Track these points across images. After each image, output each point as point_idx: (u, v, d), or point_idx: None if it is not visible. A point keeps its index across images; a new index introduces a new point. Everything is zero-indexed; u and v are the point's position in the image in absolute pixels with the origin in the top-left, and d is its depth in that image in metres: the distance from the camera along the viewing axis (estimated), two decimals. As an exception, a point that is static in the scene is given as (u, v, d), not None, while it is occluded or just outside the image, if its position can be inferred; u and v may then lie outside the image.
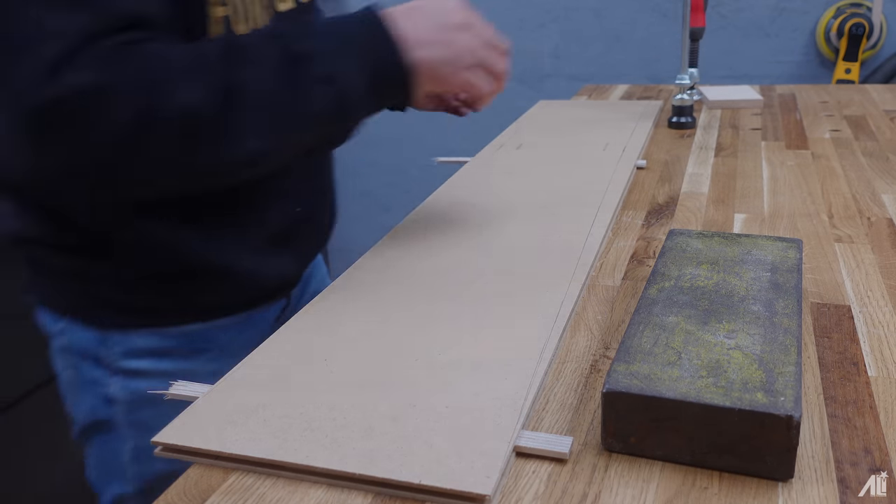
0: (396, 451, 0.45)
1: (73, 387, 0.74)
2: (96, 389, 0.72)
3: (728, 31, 2.08)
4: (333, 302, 0.65)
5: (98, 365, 0.71)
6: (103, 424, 0.73)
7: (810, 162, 1.01)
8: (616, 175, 0.95)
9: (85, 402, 0.73)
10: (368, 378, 0.53)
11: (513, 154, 1.06)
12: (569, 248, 0.74)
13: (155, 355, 0.71)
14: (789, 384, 0.44)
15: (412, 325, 0.60)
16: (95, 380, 0.72)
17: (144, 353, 0.71)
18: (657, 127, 1.22)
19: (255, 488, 0.45)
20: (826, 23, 1.98)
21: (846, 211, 0.83)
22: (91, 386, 0.72)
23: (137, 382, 0.71)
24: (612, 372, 0.46)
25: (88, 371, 0.72)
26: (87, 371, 0.72)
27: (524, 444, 0.46)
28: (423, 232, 0.80)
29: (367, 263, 0.73)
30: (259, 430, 0.48)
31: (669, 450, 0.45)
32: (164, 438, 0.48)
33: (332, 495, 0.44)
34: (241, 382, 0.54)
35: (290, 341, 0.59)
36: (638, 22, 2.12)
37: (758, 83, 2.02)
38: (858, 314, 0.61)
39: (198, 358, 0.73)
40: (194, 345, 0.72)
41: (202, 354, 0.73)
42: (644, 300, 0.55)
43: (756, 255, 0.62)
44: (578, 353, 0.58)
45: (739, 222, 0.81)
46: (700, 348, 0.49)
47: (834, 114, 1.26)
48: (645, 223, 0.83)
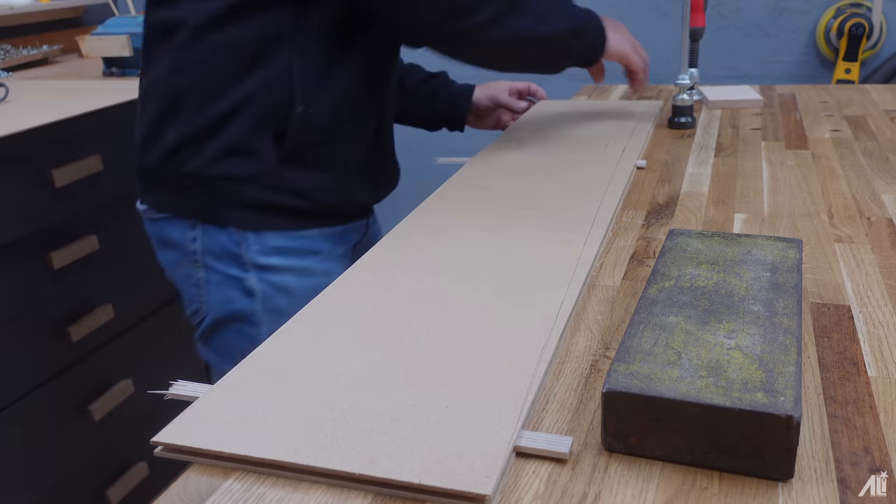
0: (396, 451, 0.45)
1: (206, 286, 0.93)
2: (236, 284, 0.91)
3: (728, 31, 2.08)
4: (333, 302, 0.65)
5: (237, 263, 0.91)
6: (242, 315, 0.93)
7: (810, 162, 1.01)
8: (616, 175, 0.95)
9: (222, 297, 0.93)
10: (368, 378, 0.53)
11: (513, 154, 1.06)
12: (569, 248, 0.74)
13: (281, 253, 0.92)
14: (789, 384, 0.44)
15: (412, 325, 0.60)
16: (235, 276, 0.91)
17: (274, 252, 0.91)
18: (657, 127, 1.22)
19: (255, 488, 0.45)
20: (826, 23, 1.98)
21: (846, 211, 0.83)
22: (231, 282, 0.92)
23: (271, 276, 0.91)
24: (612, 372, 0.46)
25: (227, 269, 0.91)
26: (226, 269, 0.91)
27: (524, 444, 0.46)
28: (422, 232, 0.80)
29: (366, 263, 0.73)
30: (259, 430, 0.48)
31: (669, 450, 0.45)
32: (164, 438, 0.48)
33: (332, 495, 0.44)
34: (241, 382, 0.54)
35: (290, 341, 0.59)
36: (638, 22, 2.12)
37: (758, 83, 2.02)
38: (858, 314, 0.61)
39: (313, 258, 0.95)
40: (311, 246, 0.94)
41: (316, 255, 0.95)
42: (644, 300, 0.55)
43: (756, 255, 0.62)
44: (578, 353, 0.58)
45: (739, 222, 0.81)
46: (700, 348, 0.49)
47: (834, 114, 1.26)
48: (645, 223, 0.83)
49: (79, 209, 1.42)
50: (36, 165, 1.32)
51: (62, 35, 2.28)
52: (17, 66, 1.98)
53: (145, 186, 0.96)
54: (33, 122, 1.30)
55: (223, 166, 0.89)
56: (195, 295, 0.95)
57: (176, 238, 0.94)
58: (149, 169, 0.94)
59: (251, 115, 0.88)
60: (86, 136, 1.42)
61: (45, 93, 1.61)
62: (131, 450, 1.58)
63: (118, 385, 1.52)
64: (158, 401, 0.60)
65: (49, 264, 1.37)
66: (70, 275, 1.42)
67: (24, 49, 2.06)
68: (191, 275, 0.94)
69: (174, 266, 0.96)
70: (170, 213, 0.93)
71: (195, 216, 0.92)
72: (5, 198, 1.27)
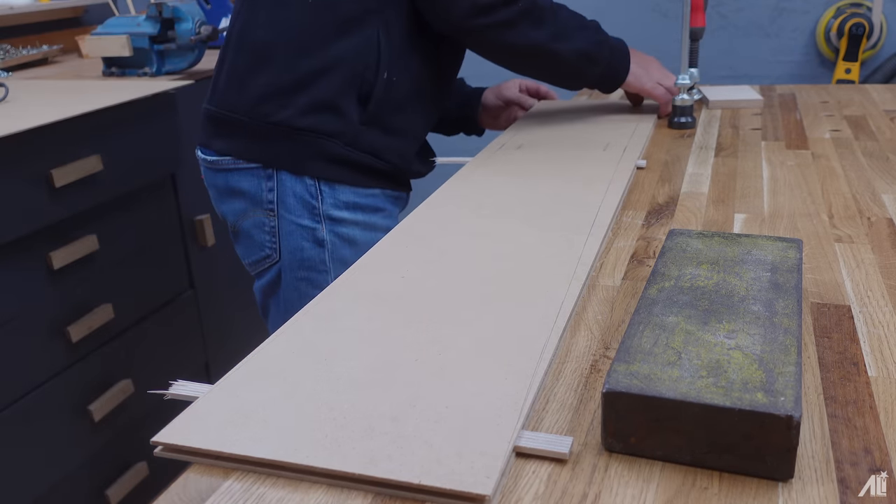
0: (396, 451, 0.45)
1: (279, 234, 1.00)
2: (308, 233, 1.00)
3: (728, 31, 2.08)
4: (334, 302, 0.65)
5: (310, 213, 0.99)
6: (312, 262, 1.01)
7: (810, 162, 1.01)
8: (616, 175, 0.95)
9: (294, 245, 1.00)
10: (368, 378, 0.53)
11: (513, 154, 1.06)
12: (569, 248, 0.74)
13: (351, 208, 1.01)
14: (789, 384, 0.44)
15: (412, 325, 0.60)
16: (307, 226, 1.00)
17: (344, 206, 1.00)
18: (657, 127, 1.22)
19: (255, 488, 0.45)
20: (826, 23, 1.98)
21: (846, 211, 0.83)
22: (303, 231, 1.00)
23: (340, 227, 1.01)
24: (612, 372, 0.46)
25: (300, 219, 1.00)
26: (298, 219, 1.00)
27: (524, 444, 0.46)
28: (423, 232, 0.80)
29: (367, 263, 0.73)
30: (259, 430, 0.48)
31: (669, 450, 0.45)
32: (164, 438, 0.48)
33: (332, 495, 0.44)
34: (241, 382, 0.54)
35: (290, 341, 0.59)
36: (638, 22, 2.12)
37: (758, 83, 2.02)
38: (858, 314, 0.61)
39: (378, 214, 1.04)
40: (376, 203, 1.04)
41: (380, 212, 1.05)
42: (644, 300, 0.55)
43: (756, 255, 0.62)
44: (578, 353, 0.58)
45: (739, 222, 0.81)
46: (700, 348, 0.49)
47: (834, 114, 1.26)
48: (645, 223, 0.83)
49: (79, 209, 1.42)
50: (36, 165, 1.32)
51: (62, 35, 2.28)
52: (17, 66, 1.98)
53: (218, 133, 1.02)
54: (33, 122, 1.30)
55: (310, 119, 0.97)
56: (266, 242, 1.02)
57: (247, 188, 1.01)
58: (226, 116, 1.01)
59: (340, 76, 0.97)
60: (86, 136, 1.42)
61: (45, 93, 1.61)
62: (131, 450, 1.58)
63: (118, 385, 1.52)
64: (158, 401, 0.60)
65: (49, 264, 1.37)
66: (70, 275, 1.42)
67: (24, 49, 2.06)
68: (263, 223, 1.01)
69: (241, 215, 1.03)
70: (246, 160, 1.00)
71: (275, 164, 0.99)
72: (5, 198, 1.27)
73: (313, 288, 1.02)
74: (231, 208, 1.04)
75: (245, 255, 1.07)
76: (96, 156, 1.43)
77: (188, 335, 1.77)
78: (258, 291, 1.09)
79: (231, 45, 1.03)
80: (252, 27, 1.00)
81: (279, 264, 1.03)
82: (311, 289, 1.02)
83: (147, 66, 1.79)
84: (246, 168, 1.01)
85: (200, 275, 1.78)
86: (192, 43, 1.74)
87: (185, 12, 1.73)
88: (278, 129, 0.98)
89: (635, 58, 1.17)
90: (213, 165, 1.04)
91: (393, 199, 1.09)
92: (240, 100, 1.00)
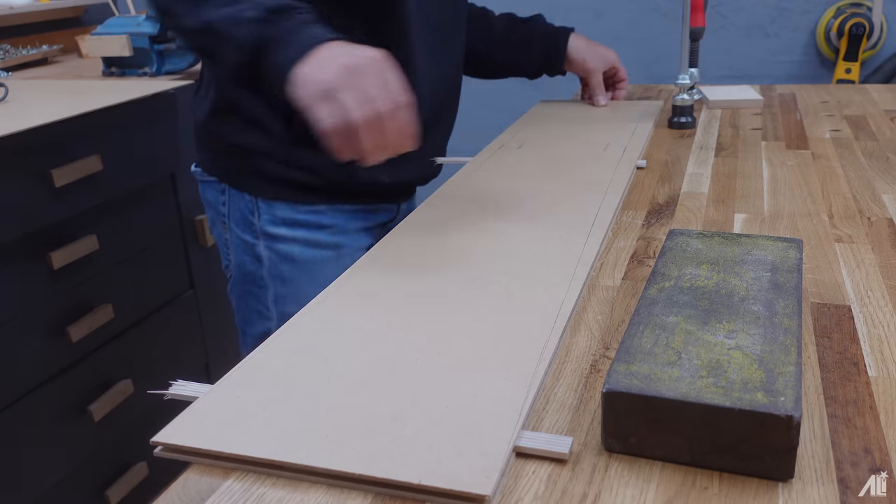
0: (396, 451, 0.45)
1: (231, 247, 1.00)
2: (249, 249, 0.98)
3: (728, 31, 2.08)
4: (334, 302, 0.65)
5: (250, 230, 0.97)
6: (253, 277, 0.99)
7: (810, 162, 1.01)
8: (616, 175, 0.95)
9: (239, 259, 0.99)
10: (368, 378, 0.53)
11: (513, 154, 1.06)
12: (569, 248, 0.74)
13: (289, 224, 0.96)
14: (789, 384, 0.44)
15: (412, 325, 0.60)
16: (248, 242, 0.98)
17: (282, 222, 0.96)
18: (657, 127, 1.22)
19: (255, 488, 0.45)
20: (826, 23, 1.98)
21: (846, 211, 0.83)
22: (245, 246, 0.98)
23: (277, 244, 0.97)
24: (612, 372, 0.46)
25: (243, 234, 0.98)
26: (242, 234, 0.98)
27: (524, 444, 0.46)
28: (423, 232, 0.80)
29: (367, 264, 0.73)
30: (259, 430, 0.48)
31: (669, 450, 0.45)
32: (164, 438, 0.48)
33: (332, 495, 0.44)
34: (240, 382, 0.54)
35: (290, 341, 0.59)
36: (638, 22, 2.12)
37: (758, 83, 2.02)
38: (858, 314, 0.61)
39: (322, 231, 0.98)
40: (319, 220, 0.97)
41: (325, 229, 0.98)
42: (644, 300, 0.55)
43: (756, 255, 0.62)
44: (578, 353, 0.58)
45: (739, 222, 0.81)
46: (700, 348, 0.49)
47: (834, 114, 1.26)
48: (645, 223, 0.83)
49: (79, 209, 1.42)
50: (36, 165, 1.32)
51: (62, 35, 2.28)
52: (17, 66, 1.98)
53: (196, 144, 1.03)
54: (33, 122, 1.30)
55: (244, 136, 0.95)
56: (225, 253, 1.03)
57: (212, 200, 1.02)
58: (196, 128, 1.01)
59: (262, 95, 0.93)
60: (86, 136, 1.42)
61: (45, 93, 1.61)
62: (131, 450, 1.58)
63: (118, 385, 1.52)
64: (158, 401, 0.60)
65: (49, 264, 1.37)
66: (70, 275, 1.42)
67: (24, 49, 2.06)
68: (221, 234, 1.02)
69: (213, 225, 1.04)
70: (208, 174, 1.01)
71: (224, 180, 0.99)
72: (5, 198, 1.27)
73: (255, 302, 1.00)
74: (209, 217, 1.06)
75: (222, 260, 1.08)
76: (96, 156, 1.43)
77: (188, 335, 1.77)
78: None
79: None
80: None
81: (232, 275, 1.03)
82: (254, 303, 1.00)
83: (147, 66, 1.79)
84: (209, 181, 1.01)
85: (200, 275, 1.78)
86: (192, 43, 1.74)
87: (185, 12, 1.73)
88: (223, 144, 0.97)
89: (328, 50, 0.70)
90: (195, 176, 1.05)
91: (351, 214, 0.99)
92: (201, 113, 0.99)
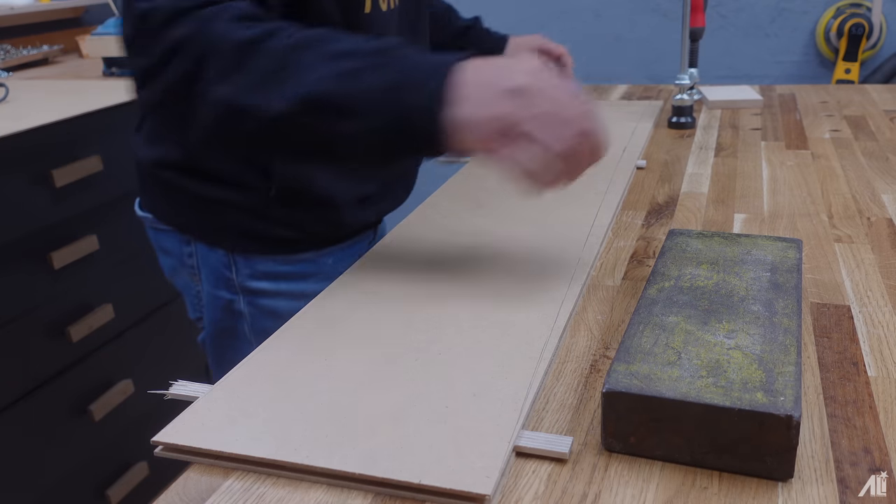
0: (396, 451, 0.45)
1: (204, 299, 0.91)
2: (226, 305, 0.89)
3: (728, 31, 2.08)
4: (334, 302, 0.65)
5: (226, 285, 0.88)
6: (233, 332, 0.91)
7: (810, 162, 1.01)
8: (616, 175, 0.95)
9: (215, 315, 0.91)
10: (368, 378, 0.53)
11: (513, 154, 1.06)
12: (569, 248, 0.74)
13: (271, 278, 0.87)
14: (789, 384, 0.44)
15: (412, 325, 0.60)
16: (225, 297, 0.88)
17: (264, 276, 0.87)
18: (657, 127, 1.22)
19: (255, 488, 0.45)
20: (826, 23, 1.98)
21: (846, 211, 0.83)
22: (221, 301, 0.89)
23: (260, 300, 0.88)
24: (612, 372, 0.46)
25: (217, 290, 0.88)
26: (215, 290, 0.88)
27: (524, 444, 0.46)
28: (423, 232, 0.80)
29: (368, 263, 0.73)
30: (259, 429, 0.48)
31: (669, 450, 0.45)
32: (164, 438, 0.48)
33: (332, 495, 0.44)
34: (241, 382, 0.54)
35: (290, 341, 0.59)
36: (638, 22, 2.12)
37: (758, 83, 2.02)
38: (858, 314, 0.61)
39: (307, 281, 0.88)
40: (305, 270, 0.88)
41: (310, 278, 0.88)
42: (644, 300, 0.55)
43: (756, 255, 0.62)
44: (578, 353, 0.58)
45: (739, 222, 0.81)
46: (700, 348, 0.49)
47: (834, 114, 1.26)
48: (645, 223, 0.83)
49: (79, 209, 1.42)
50: (36, 165, 1.32)
51: (62, 35, 2.28)
52: (17, 66, 1.98)
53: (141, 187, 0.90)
54: (33, 122, 1.30)
55: (213, 191, 0.82)
56: (196, 304, 0.93)
57: (174, 250, 0.90)
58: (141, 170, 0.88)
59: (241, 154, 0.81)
60: (86, 136, 1.42)
61: (45, 93, 1.61)
62: (131, 450, 1.58)
63: (118, 385, 1.52)
64: (158, 401, 0.60)
65: (49, 264, 1.37)
66: (70, 275, 1.42)
67: (24, 49, 2.06)
68: (189, 285, 0.91)
69: (174, 273, 0.94)
70: (167, 224, 0.88)
71: (188, 233, 0.87)
72: (5, 198, 1.27)
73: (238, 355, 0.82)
74: (166, 264, 0.94)
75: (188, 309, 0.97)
76: (96, 156, 1.43)
77: (188, 335, 1.77)
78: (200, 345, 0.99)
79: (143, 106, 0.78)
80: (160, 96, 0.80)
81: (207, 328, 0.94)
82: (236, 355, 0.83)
83: (147, 66, 1.78)
84: (165, 230, 0.89)
85: (200, 275, 1.78)
86: (192, 43, 1.74)
87: (185, 12, 1.73)
88: (183, 195, 0.84)
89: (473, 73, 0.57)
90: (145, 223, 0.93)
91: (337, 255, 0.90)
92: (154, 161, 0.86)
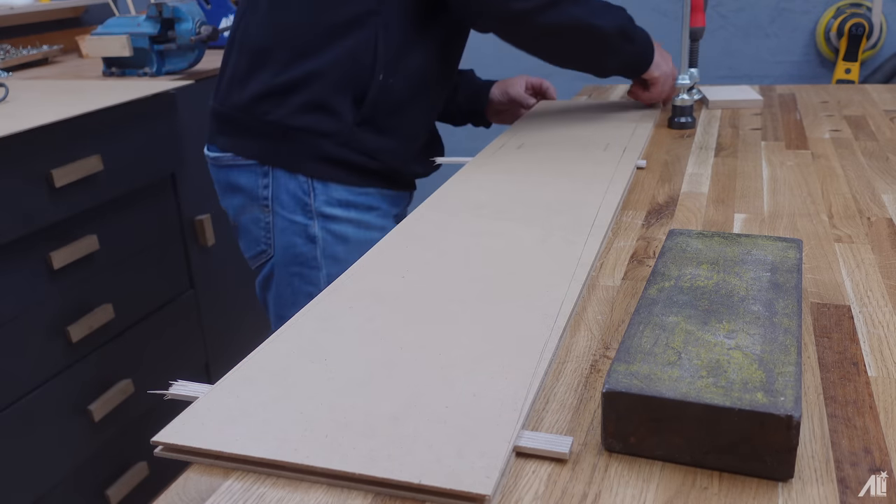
0: (396, 451, 0.45)
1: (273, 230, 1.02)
2: (301, 230, 1.01)
3: (728, 31, 2.08)
4: (334, 301, 0.65)
5: (303, 210, 1.01)
6: (304, 258, 1.02)
7: (810, 162, 1.01)
8: (616, 175, 0.95)
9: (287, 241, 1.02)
10: (368, 378, 0.53)
11: (513, 154, 1.06)
12: (569, 248, 0.74)
13: (344, 205, 1.02)
14: (789, 384, 0.44)
15: (412, 325, 0.60)
16: (300, 222, 1.01)
17: (337, 203, 1.02)
18: (657, 127, 1.22)
19: (255, 488, 0.45)
20: (826, 23, 1.98)
21: (846, 211, 0.83)
22: (296, 227, 1.01)
23: (332, 224, 1.02)
24: (612, 372, 0.46)
25: (293, 216, 1.01)
26: (291, 216, 1.01)
27: (524, 444, 0.46)
28: (423, 232, 0.80)
29: (367, 263, 0.73)
30: (259, 430, 0.48)
31: (669, 450, 0.45)
32: (165, 438, 0.48)
33: (332, 495, 0.44)
34: (240, 382, 0.54)
35: (290, 341, 0.59)
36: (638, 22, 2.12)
37: (758, 83, 2.02)
38: (858, 314, 0.61)
39: (372, 213, 1.05)
40: (370, 202, 1.05)
41: (374, 211, 1.05)
42: (644, 300, 0.55)
43: (756, 255, 0.62)
44: (578, 353, 0.58)
45: (739, 222, 0.81)
46: (700, 348, 0.49)
47: (834, 114, 1.26)
48: (645, 223, 0.83)
49: (79, 209, 1.42)
50: (36, 165, 1.32)
51: (62, 35, 2.28)
52: (17, 66, 1.98)
53: (221, 130, 1.04)
54: (33, 121, 1.30)
55: (304, 119, 0.98)
56: (262, 237, 1.04)
57: (245, 184, 1.03)
58: (228, 114, 1.03)
59: (335, 77, 0.98)
60: (86, 136, 1.42)
61: (45, 93, 1.61)
62: (131, 450, 1.58)
63: (118, 385, 1.52)
64: (158, 401, 0.60)
65: (49, 264, 1.37)
66: (70, 275, 1.42)
67: (24, 49, 2.06)
68: (259, 219, 1.03)
69: (240, 210, 1.05)
70: (244, 157, 1.02)
71: (270, 162, 1.00)
72: (5, 198, 1.27)
73: (306, 284, 1.03)
74: (231, 203, 1.06)
75: (245, 249, 1.09)
76: (96, 156, 1.43)
77: (188, 335, 1.77)
78: (258, 286, 1.11)
79: (234, 46, 1.06)
80: (253, 28, 1.02)
81: (273, 260, 1.04)
82: (303, 284, 1.04)
83: (147, 66, 1.79)
84: (244, 165, 1.02)
85: (200, 275, 1.78)
86: (192, 43, 1.74)
87: (186, 12, 1.73)
88: (274, 127, 1.00)
89: (657, 47, 1.19)
90: (216, 162, 1.06)
91: (390, 199, 1.09)
92: (239, 99, 1.02)
